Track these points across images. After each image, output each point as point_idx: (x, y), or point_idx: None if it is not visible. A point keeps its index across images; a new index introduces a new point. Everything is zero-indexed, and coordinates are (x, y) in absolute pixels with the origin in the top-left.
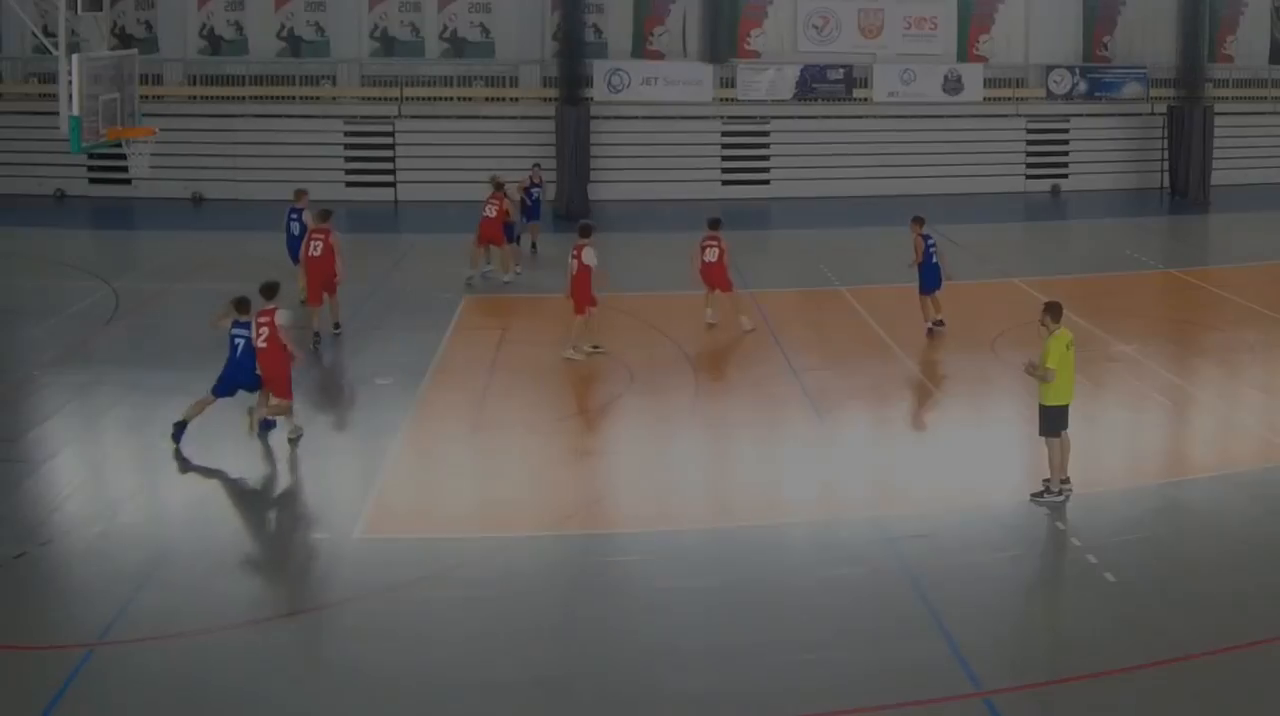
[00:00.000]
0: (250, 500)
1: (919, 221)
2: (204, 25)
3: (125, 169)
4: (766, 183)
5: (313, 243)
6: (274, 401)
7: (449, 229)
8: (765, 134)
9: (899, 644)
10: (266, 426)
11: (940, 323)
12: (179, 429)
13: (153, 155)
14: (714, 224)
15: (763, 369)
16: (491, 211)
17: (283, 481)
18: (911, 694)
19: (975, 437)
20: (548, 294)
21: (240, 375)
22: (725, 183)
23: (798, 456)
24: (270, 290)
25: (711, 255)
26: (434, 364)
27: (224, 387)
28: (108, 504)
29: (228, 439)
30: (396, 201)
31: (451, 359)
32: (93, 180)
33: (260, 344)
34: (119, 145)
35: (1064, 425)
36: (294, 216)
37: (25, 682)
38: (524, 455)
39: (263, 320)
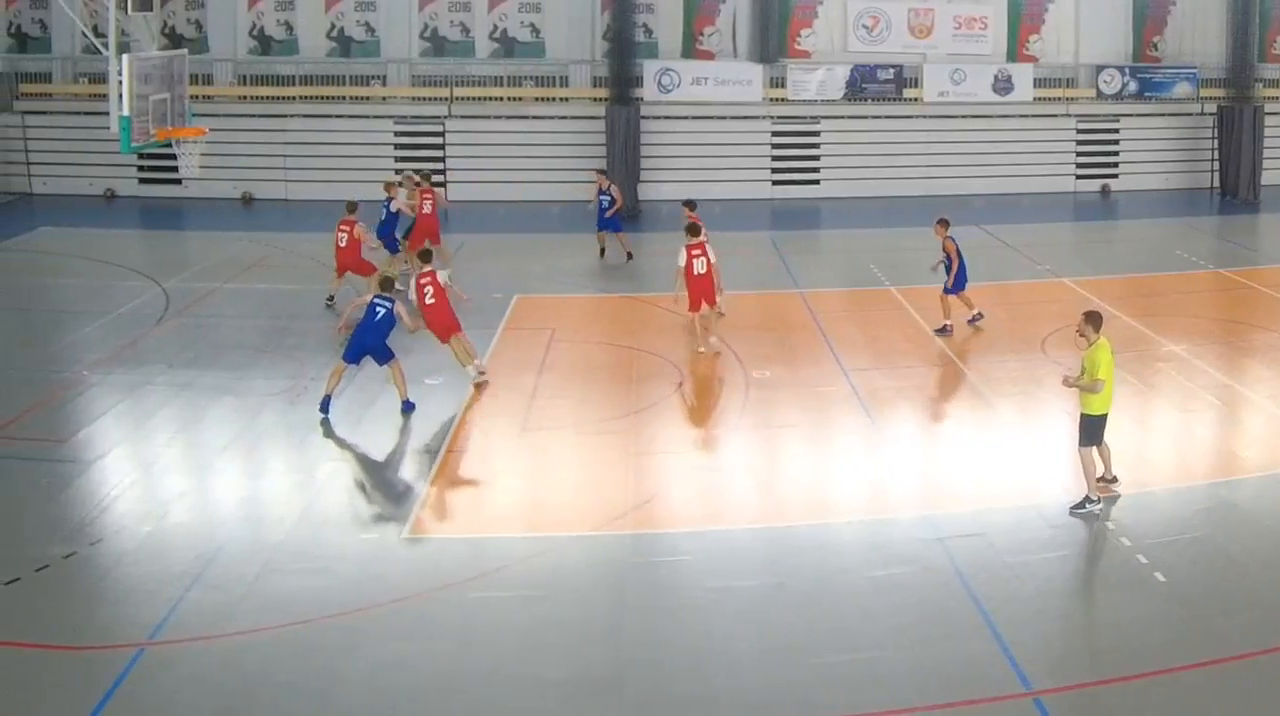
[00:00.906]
0: (299, 500)
1: (944, 223)
2: (254, 25)
3: (175, 169)
4: (817, 182)
5: (339, 234)
6: (463, 348)
7: (499, 228)
8: (815, 134)
9: (949, 643)
10: (409, 408)
11: (980, 315)
12: (325, 402)
13: (203, 155)
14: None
15: (813, 369)
16: (428, 208)
17: (332, 481)
18: (961, 693)
19: (1025, 437)
20: (598, 294)
21: (372, 338)
22: (775, 182)
23: (848, 456)
24: (426, 255)
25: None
26: (484, 364)
27: (355, 353)
28: (157, 503)
29: (277, 438)
30: (446, 201)
31: (501, 358)
32: (143, 180)
33: (429, 301)
34: (169, 145)
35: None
36: (384, 204)
37: (75, 682)
38: (573, 455)
39: (425, 280)
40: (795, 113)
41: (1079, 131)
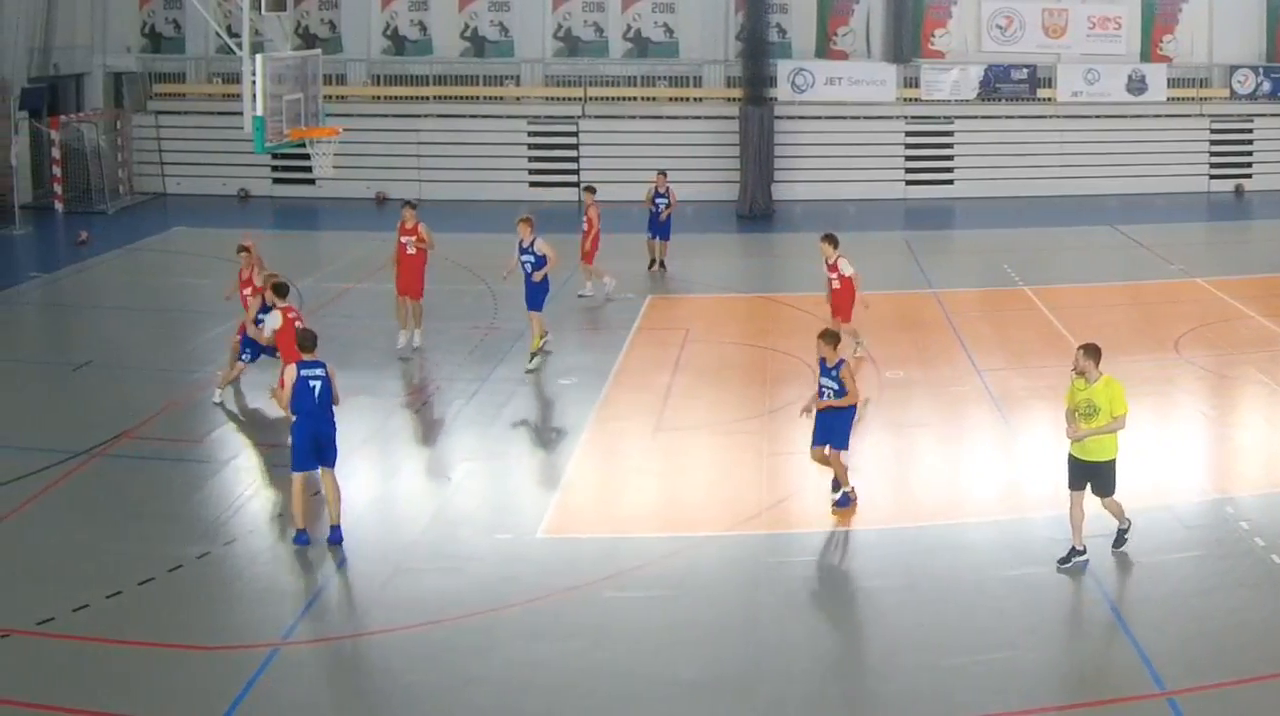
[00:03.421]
0: (432, 500)
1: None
2: (388, 25)
3: (309, 169)
4: (950, 182)
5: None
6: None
7: (632, 229)
8: (949, 134)
9: (1082, 644)
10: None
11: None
12: (301, 536)
13: (336, 155)
14: (590, 190)
15: (946, 369)
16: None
17: (465, 482)
18: (1094, 693)
19: (1158, 437)
20: (732, 294)
21: (319, 425)
22: (909, 183)
23: (981, 456)
24: (281, 289)
25: (585, 227)
26: (617, 364)
27: (305, 454)
28: (290, 504)
29: (410, 438)
30: (580, 201)
31: (634, 359)
32: (276, 180)
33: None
34: (302, 145)
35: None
36: (659, 195)
37: (209, 682)
38: (707, 455)
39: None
40: (929, 113)
41: (1212, 131)
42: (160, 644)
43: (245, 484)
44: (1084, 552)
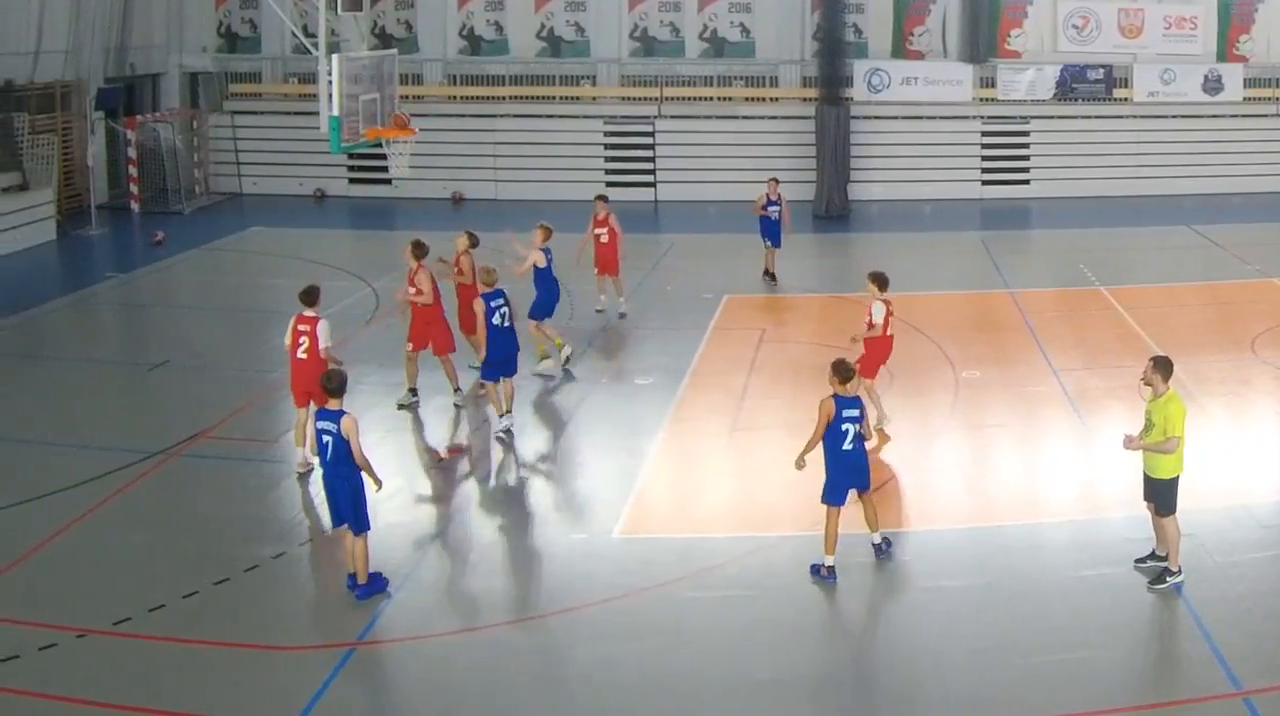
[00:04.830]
0: (508, 500)
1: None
2: (464, 25)
3: (385, 169)
4: (1027, 182)
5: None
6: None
7: (709, 228)
8: (1025, 134)
9: (1158, 644)
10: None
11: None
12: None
13: (412, 155)
14: (603, 198)
15: (1023, 369)
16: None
17: (541, 481)
18: (1170, 693)
19: (1235, 438)
20: (808, 294)
21: (333, 483)
22: (985, 183)
23: (1058, 456)
24: (309, 296)
25: (605, 237)
26: (693, 364)
27: (332, 511)
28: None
29: (486, 437)
30: (656, 201)
31: (711, 359)
32: (353, 180)
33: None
34: (379, 145)
35: None
36: (771, 202)
37: (285, 682)
38: (783, 455)
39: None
40: (1005, 113)
41: None
42: (236, 644)
43: (321, 484)
44: (1179, 573)
